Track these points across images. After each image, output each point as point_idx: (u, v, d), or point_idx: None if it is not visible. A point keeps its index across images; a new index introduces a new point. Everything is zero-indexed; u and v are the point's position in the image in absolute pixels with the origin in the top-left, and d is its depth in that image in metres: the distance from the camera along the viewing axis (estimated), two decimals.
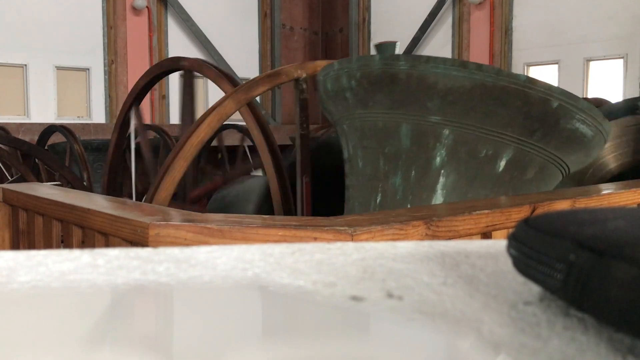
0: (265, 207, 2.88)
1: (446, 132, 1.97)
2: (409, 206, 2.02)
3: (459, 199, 1.97)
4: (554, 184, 2.17)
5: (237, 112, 2.60)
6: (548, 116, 1.91)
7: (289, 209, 2.61)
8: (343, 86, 2.13)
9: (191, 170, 2.49)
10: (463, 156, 1.98)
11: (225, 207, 3.11)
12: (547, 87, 1.92)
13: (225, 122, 2.72)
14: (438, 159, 2.00)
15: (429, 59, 1.96)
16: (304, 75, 2.64)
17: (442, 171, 2.00)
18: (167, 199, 2.36)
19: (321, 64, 2.55)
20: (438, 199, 2.01)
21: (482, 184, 1.99)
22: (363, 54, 12.28)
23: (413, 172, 2.03)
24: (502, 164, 1.99)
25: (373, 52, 12.29)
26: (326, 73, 2.23)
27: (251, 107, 2.67)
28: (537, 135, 1.96)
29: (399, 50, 11.61)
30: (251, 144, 4.71)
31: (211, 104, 2.78)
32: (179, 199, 2.69)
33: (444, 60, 1.94)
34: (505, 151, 1.98)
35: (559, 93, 1.91)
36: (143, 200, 2.51)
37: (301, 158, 2.61)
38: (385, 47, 2.64)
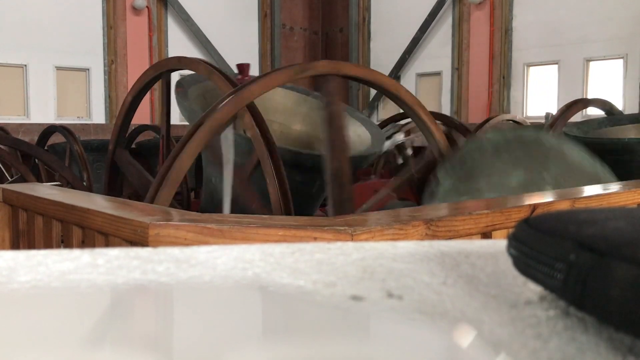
0: None
1: (548, 188, 2.43)
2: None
3: None
4: None
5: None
6: None
7: (288, 210, 2.61)
8: (489, 140, 2.61)
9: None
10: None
11: None
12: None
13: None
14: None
15: (575, 142, 2.71)
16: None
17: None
18: (167, 202, 2.36)
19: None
20: None
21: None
22: (363, 54, 12.29)
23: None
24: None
25: (374, 51, 12.29)
26: (484, 138, 2.78)
27: (251, 109, 2.67)
28: None
29: (394, 53, 11.61)
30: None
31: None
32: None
33: (581, 148, 2.59)
34: None
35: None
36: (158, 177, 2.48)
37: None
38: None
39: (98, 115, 10.31)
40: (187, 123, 3.68)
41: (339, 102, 2.57)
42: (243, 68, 4.08)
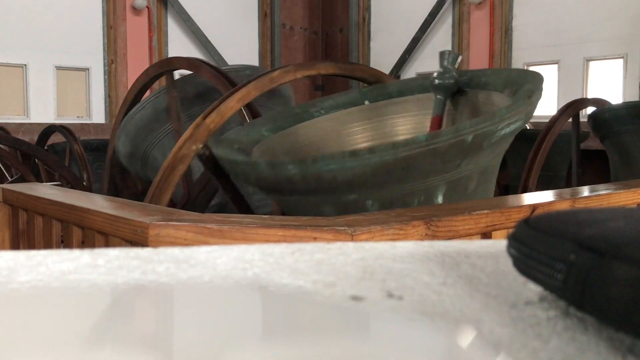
0: None
1: None
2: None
3: None
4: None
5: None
6: None
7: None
8: None
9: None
10: None
11: None
12: None
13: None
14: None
15: None
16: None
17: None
18: (166, 202, 2.36)
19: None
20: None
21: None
22: (363, 53, 12.29)
23: None
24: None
25: (374, 51, 12.29)
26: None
27: (251, 108, 2.67)
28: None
29: (394, 53, 11.61)
30: None
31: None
32: None
33: None
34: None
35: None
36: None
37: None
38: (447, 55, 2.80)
39: (98, 115, 10.30)
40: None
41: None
42: None
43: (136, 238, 1.21)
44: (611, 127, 3.98)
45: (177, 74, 3.67)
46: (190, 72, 3.27)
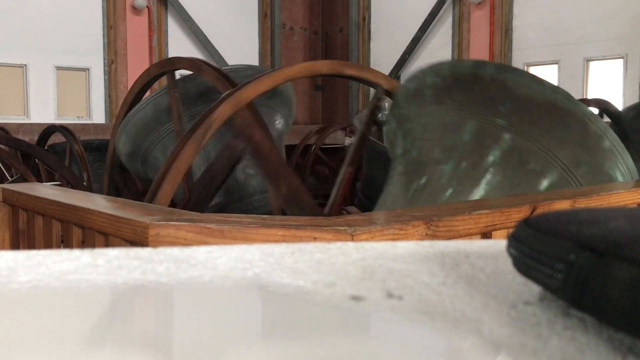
0: None
1: (507, 136, 2.15)
2: (450, 191, 2.16)
3: None
4: None
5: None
6: (597, 154, 2.09)
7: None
8: (425, 84, 2.32)
9: None
10: (514, 162, 2.13)
11: None
12: (604, 127, 2.10)
13: None
14: (491, 158, 2.15)
15: (515, 69, 2.25)
16: (386, 86, 2.76)
17: (491, 169, 2.15)
18: (167, 201, 2.37)
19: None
20: (479, 192, 2.14)
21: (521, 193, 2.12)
22: (362, 53, 12.28)
23: (464, 163, 2.19)
24: (545, 183, 2.12)
25: (374, 51, 12.29)
26: (415, 75, 2.44)
27: (250, 108, 2.67)
28: (583, 169, 2.10)
29: (394, 53, 11.61)
30: None
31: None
32: None
33: (527, 73, 2.21)
34: (551, 173, 2.11)
35: (612, 137, 2.08)
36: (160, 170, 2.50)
37: (354, 150, 2.71)
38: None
39: (98, 115, 10.30)
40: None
41: (255, 130, 2.55)
42: None
43: (136, 238, 1.21)
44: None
45: (177, 74, 3.67)
46: (191, 73, 3.27)
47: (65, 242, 1.59)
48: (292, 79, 2.65)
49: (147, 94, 3.62)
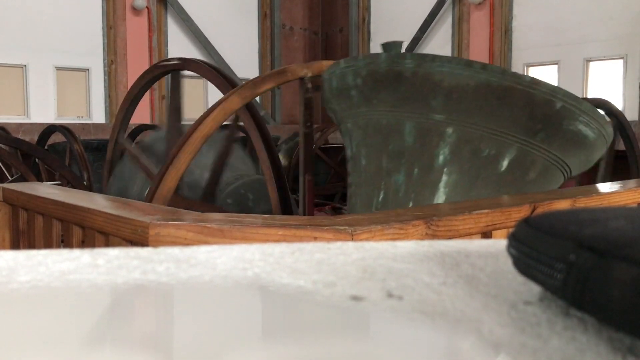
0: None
1: (450, 130, 1.99)
2: (411, 204, 2.05)
3: (461, 198, 1.99)
4: (556, 185, 2.18)
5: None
6: (552, 117, 1.93)
7: (287, 209, 2.61)
8: (348, 84, 2.15)
9: None
10: (466, 155, 2.00)
11: None
12: (551, 89, 1.94)
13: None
14: (441, 157, 2.02)
15: (435, 57, 1.98)
16: (310, 74, 2.66)
17: (445, 169, 2.02)
18: (170, 192, 2.37)
19: (327, 63, 2.57)
20: (440, 197, 2.02)
21: (484, 184, 2.01)
22: (364, 53, 12.27)
23: (416, 169, 2.05)
24: (505, 163, 2.01)
25: (374, 51, 12.27)
26: (332, 71, 2.25)
27: (249, 107, 2.67)
28: (541, 136, 1.97)
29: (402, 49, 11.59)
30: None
31: (211, 104, 2.78)
32: None
33: (449, 59, 1.96)
34: (508, 151, 1.99)
35: (562, 94, 1.93)
36: (145, 195, 2.51)
37: (304, 156, 2.62)
38: (391, 46, 2.63)
39: (98, 115, 10.30)
40: (188, 123, 3.67)
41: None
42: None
43: (136, 238, 1.21)
44: None
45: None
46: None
47: (65, 242, 1.59)
48: (209, 134, 2.50)
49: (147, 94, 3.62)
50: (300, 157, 2.63)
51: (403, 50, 2.41)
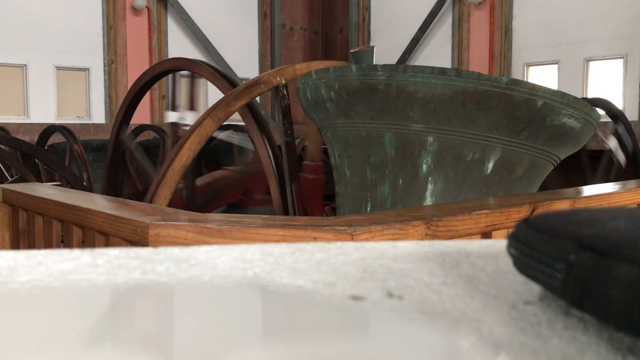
0: None
1: (430, 139, 1.96)
2: None
3: None
4: (544, 175, 2.18)
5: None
6: (534, 115, 1.91)
7: (288, 209, 2.61)
8: (322, 97, 2.11)
9: None
10: (449, 162, 1.98)
11: None
12: (530, 87, 1.92)
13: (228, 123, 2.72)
14: (424, 167, 1.99)
15: (406, 68, 1.94)
16: (283, 82, 2.61)
17: (430, 178, 1.99)
18: None
19: (300, 67, 2.54)
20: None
21: (471, 187, 1.99)
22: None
23: (400, 180, 2.02)
24: (490, 165, 1.99)
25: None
26: (305, 82, 2.20)
27: (250, 108, 2.67)
28: (524, 134, 1.96)
29: (373, 57, 11.60)
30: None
31: (211, 103, 2.78)
32: None
33: (422, 68, 1.92)
34: (493, 153, 1.97)
35: (542, 92, 1.91)
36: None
37: (289, 165, 2.58)
38: (361, 56, 2.57)
39: (98, 115, 10.30)
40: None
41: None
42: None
43: (136, 238, 1.21)
44: None
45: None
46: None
47: (65, 242, 1.59)
48: (186, 164, 2.45)
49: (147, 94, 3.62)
50: (285, 166, 2.59)
51: (382, 55, 2.37)
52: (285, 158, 2.59)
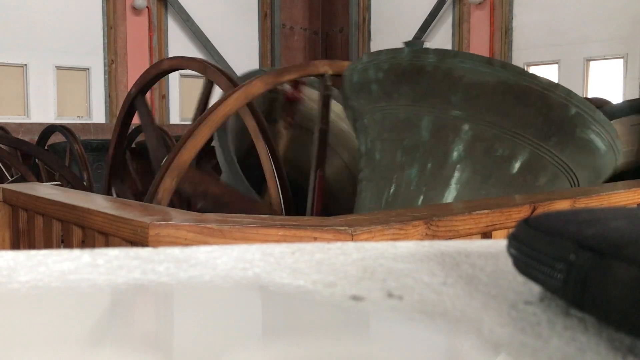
0: None
1: (466, 127, 2.02)
2: (422, 198, 2.08)
3: (472, 196, 2.00)
4: None
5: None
6: (565, 123, 1.97)
7: (288, 209, 2.61)
8: (369, 78, 2.19)
9: None
10: (479, 153, 2.03)
11: None
12: (568, 93, 1.97)
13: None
14: (455, 154, 2.04)
15: (457, 53, 2.02)
16: (330, 72, 2.70)
17: (458, 166, 2.05)
18: (187, 163, 2.38)
19: (347, 63, 2.64)
20: (451, 193, 2.05)
21: (495, 183, 2.03)
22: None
23: (429, 164, 2.08)
24: (517, 165, 2.02)
25: (374, 51, 12.26)
26: (354, 66, 2.29)
27: (250, 107, 2.67)
28: (553, 140, 1.99)
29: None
30: None
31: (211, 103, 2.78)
32: None
33: (471, 55, 1.99)
34: (521, 153, 2.02)
35: (577, 100, 1.97)
36: (162, 164, 2.51)
37: (318, 152, 2.65)
38: (413, 45, 2.77)
39: (98, 115, 10.30)
40: (187, 123, 3.68)
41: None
42: (297, 86, 3.95)
43: (136, 238, 1.21)
44: None
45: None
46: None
47: (65, 242, 1.59)
48: (229, 113, 2.54)
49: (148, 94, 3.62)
50: (314, 152, 2.67)
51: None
52: (317, 144, 2.66)
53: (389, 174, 2.16)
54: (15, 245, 1.87)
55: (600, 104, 4.65)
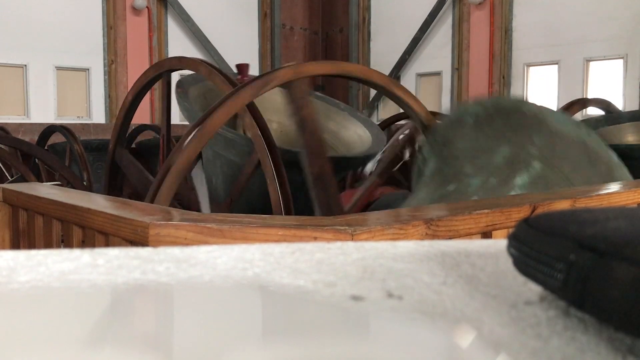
0: None
1: (537, 164, 2.30)
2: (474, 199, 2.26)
3: None
4: None
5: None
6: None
7: (288, 210, 2.61)
8: (468, 112, 2.49)
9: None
10: (539, 189, 2.25)
11: None
12: (628, 177, 2.31)
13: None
14: (519, 180, 2.28)
15: (553, 111, 2.46)
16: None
17: (517, 189, 2.27)
18: (187, 164, 2.38)
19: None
20: None
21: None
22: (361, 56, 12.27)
23: (493, 179, 2.31)
24: None
25: (374, 51, 12.28)
26: (465, 108, 2.62)
27: (250, 108, 2.67)
28: None
29: (394, 53, 11.62)
30: None
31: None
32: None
33: (565, 114, 2.43)
34: None
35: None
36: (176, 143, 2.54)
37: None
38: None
39: (98, 115, 10.30)
40: (187, 123, 3.68)
41: (308, 104, 2.55)
42: (242, 68, 4.06)
43: (136, 238, 1.21)
44: None
45: (177, 74, 3.67)
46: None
47: (65, 242, 1.59)
48: (294, 78, 2.60)
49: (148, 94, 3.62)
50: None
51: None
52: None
53: (452, 177, 2.37)
54: (15, 245, 1.87)
55: (601, 105, 4.65)
